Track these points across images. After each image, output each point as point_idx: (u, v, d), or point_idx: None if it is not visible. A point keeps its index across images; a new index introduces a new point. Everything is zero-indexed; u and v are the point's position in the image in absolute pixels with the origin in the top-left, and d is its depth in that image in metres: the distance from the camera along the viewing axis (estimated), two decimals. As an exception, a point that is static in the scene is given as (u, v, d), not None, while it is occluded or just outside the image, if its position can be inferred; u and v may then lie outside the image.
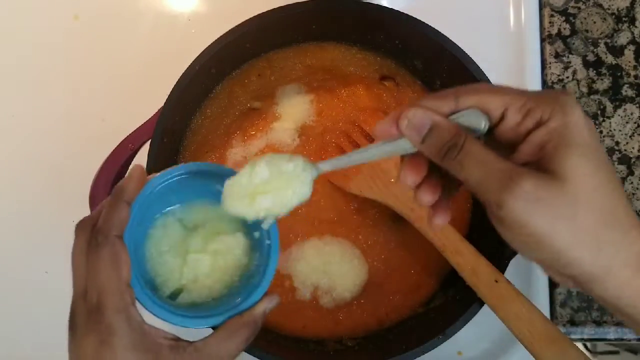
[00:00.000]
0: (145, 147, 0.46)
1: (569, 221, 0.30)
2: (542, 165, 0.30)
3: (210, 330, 0.38)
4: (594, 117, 0.59)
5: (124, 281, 0.35)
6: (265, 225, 0.37)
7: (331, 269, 0.50)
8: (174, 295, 0.40)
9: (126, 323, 0.34)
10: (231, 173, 0.36)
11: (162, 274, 0.39)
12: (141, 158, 0.46)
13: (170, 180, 0.38)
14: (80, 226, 0.37)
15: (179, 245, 0.40)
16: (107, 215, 0.36)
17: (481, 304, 0.45)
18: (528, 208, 0.30)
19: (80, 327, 0.35)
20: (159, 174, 0.38)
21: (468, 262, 0.45)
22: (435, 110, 0.32)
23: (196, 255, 0.39)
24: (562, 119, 0.30)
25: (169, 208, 0.40)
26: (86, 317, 0.34)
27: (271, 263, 0.39)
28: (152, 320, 0.36)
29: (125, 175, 0.37)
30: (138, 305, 0.36)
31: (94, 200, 0.46)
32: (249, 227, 0.40)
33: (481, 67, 0.47)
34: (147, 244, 0.39)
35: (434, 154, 0.32)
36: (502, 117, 0.32)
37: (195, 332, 0.38)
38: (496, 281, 0.44)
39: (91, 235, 0.35)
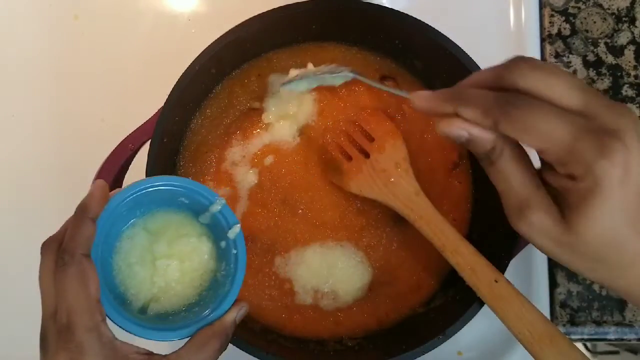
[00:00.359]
0: (145, 147, 0.46)
1: (570, 250, 0.34)
2: (564, 200, 0.33)
3: (184, 342, 0.38)
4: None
5: (93, 299, 0.35)
6: (231, 235, 0.38)
7: (333, 274, 0.50)
8: (146, 307, 0.40)
9: (97, 341, 0.34)
10: (192, 191, 0.39)
11: (132, 287, 0.40)
12: (141, 158, 0.46)
13: (135, 194, 0.38)
14: (46, 246, 0.37)
15: (146, 253, 0.40)
16: (72, 234, 0.36)
17: (481, 304, 0.45)
18: (532, 233, 0.35)
19: (51, 346, 0.35)
20: (122, 189, 0.38)
21: (467, 262, 0.45)
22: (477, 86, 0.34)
23: (164, 261, 0.40)
24: (592, 188, 0.31)
25: (133, 220, 0.41)
26: (56, 336, 0.34)
27: (239, 271, 0.40)
28: (124, 335, 0.37)
29: (88, 193, 0.38)
30: (109, 321, 0.36)
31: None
32: (216, 237, 0.41)
33: (481, 66, 0.47)
34: (115, 259, 0.40)
35: (475, 155, 0.36)
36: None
37: (169, 345, 0.38)
38: (496, 281, 0.44)
39: (57, 255, 0.36)
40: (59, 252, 0.36)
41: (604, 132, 0.31)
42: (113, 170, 0.46)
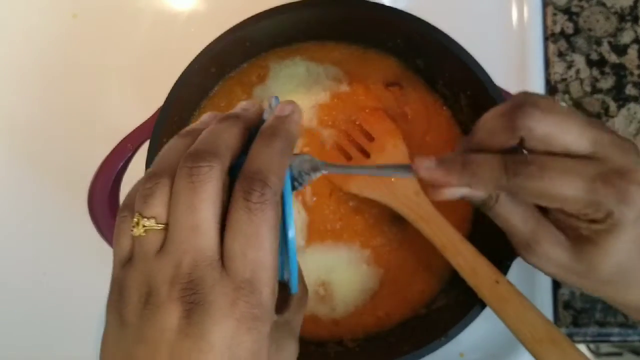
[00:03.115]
0: (145, 147, 0.46)
1: (580, 276, 0.35)
2: (573, 231, 0.34)
3: None
4: (598, 116, 0.58)
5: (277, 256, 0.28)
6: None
7: (333, 274, 0.50)
8: None
9: (272, 307, 0.28)
10: None
11: None
12: (140, 158, 0.46)
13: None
14: (217, 162, 0.27)
15: None
16: (277, 162, 0.28)
17: (483, 305, 0.45)
18: (542, 265, 0.36)
19: (216, 304, 0.25)
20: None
21: (468, 262, 0.44)
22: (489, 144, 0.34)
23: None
24: (609, 228, 0.32)
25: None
26: (231, 293, 0.26)
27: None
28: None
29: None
30: None
31: (92, 200, 0.46)
32: None
33: (483, 65, 0.47)
34: None
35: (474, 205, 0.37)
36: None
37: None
38: (497, 282, 0.43)
39: (250, 185, 0.27)
40: (253, 182, 0.27)
41: (619, 176, 0.31)
42: (112, 170, 0.46)
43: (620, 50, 0.59)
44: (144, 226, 0.27)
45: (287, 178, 0.29)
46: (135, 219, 0.27)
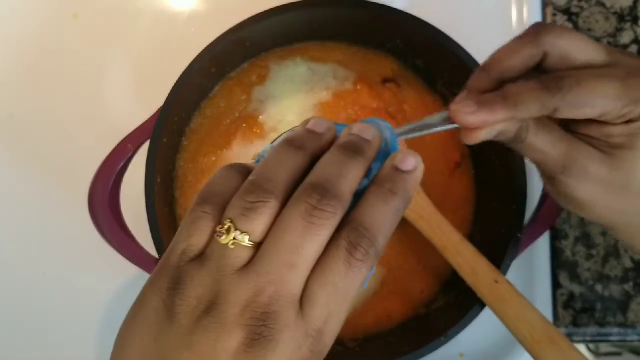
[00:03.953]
0: (145, 147, 0.46)
1: (617, 191, 0.34)
2: (606, 143, 0.34)
3: None
4: (597, 116, 0.58)
5: None
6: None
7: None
8: None
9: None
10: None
11: None
12: (140, 158, 0.46)
13: None
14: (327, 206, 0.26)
15: None
16: (383, 217, 0.27)
17: (483, 305, 0.45)
18: (579, 185, 0.34)
19: (282, 344, 0.24)
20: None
21: (468, 262, 0.45)
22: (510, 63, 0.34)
23: None
24: None
25: None
26: (300, 338, 0.25)
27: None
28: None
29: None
30: None
31: (92, 200, 0.46)
32: None
33: (483, 65, 0.47)
34: None
35: (502, 142, 0.36)
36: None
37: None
38: (496, 281, 0.43)
39: (363, 242, 0.26)
40: (362, 238, 0.26)
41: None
42: (112, 171, 0.46)
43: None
44: (234, 238, 0.25)
45: None
46: (226, 226, 0.26)
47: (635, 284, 0.56)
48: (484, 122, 0.33)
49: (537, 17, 0.59)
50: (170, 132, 0.48)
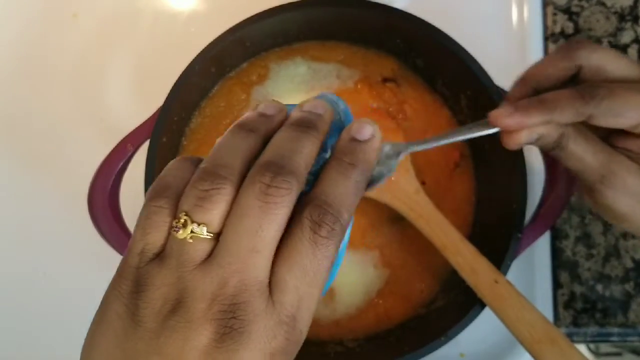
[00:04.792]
0: (144, 147, 0.46)
1: None
2: None
3: None
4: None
5: None
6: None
7: (339, 280, 0.50)
8: None
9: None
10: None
11: None
12: (140, 158, 0.46)
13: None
14: (287, 192, 0.25)
15: None
16: (345, 190, 0.26)
17: (483, 305, 0.45)
18: (617, 198, 0.35)
19: (255, 335, 0.24)
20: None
21: (468, 262, 0.44)
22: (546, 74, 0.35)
23: None
24: None
25: None
26: (273, 327, 0.24)
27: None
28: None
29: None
30: None
31: (92, 200, 0.46)
32: None
33: (483, 65, 0.47)
34: None
35: (543, 149, 0.36)
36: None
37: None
38: (496, 281, 0.43)
39: (321, 215, 0.25)
40: (325, 214, 0.25)
41: None
42: (112, 170, 0.46)
43: (621, 50, 0.59)
44: (192, 232, 0.24)
45: None
46: (182, 219, 0.24)
47: (636, 284, 0.56)
48: (520, 124, 0.34)
49: (538, 17, 0.59)
50: (170, 132, 0.48)
